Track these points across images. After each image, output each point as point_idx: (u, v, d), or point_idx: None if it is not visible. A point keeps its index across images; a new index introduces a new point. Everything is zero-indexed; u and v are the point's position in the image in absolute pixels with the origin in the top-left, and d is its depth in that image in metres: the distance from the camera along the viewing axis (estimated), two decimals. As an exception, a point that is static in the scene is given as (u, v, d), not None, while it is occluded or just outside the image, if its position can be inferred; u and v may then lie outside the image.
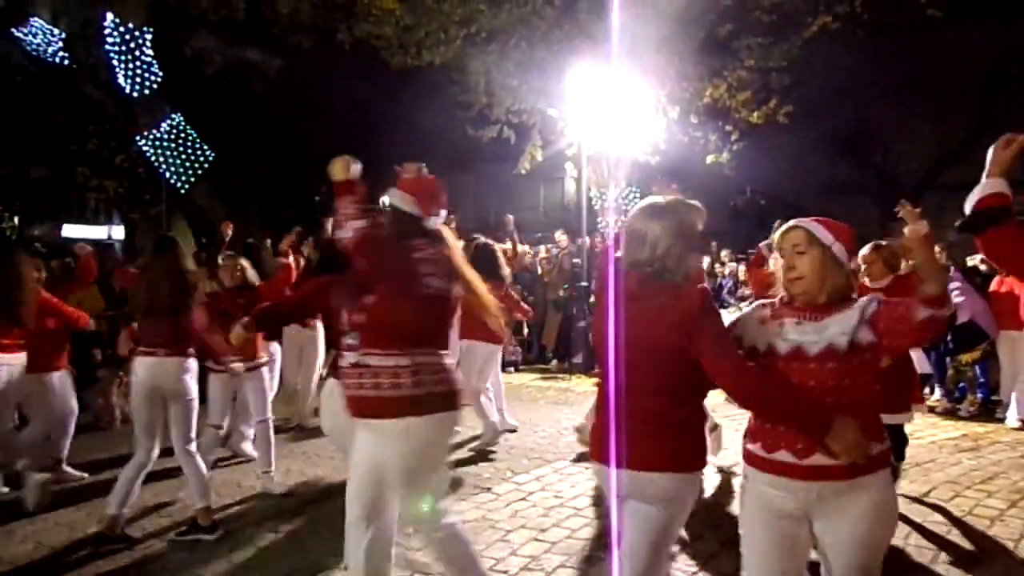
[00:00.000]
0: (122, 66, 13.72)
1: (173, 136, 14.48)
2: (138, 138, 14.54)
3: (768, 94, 12.50)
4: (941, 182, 18.00)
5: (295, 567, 4.04)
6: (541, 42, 12.07)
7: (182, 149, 14.53)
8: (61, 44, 13.97)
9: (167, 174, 14.50)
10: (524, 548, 4.27)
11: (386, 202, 3.12)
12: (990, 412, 7.66)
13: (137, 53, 13.74)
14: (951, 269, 7.98)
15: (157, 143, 14.38)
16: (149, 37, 13.75)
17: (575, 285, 11.15)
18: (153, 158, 14.49)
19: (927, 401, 8.06)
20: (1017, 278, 6.40)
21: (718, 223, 12.26)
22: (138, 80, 13.86)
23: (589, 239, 11.86)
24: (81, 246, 6.45)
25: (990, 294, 7.67)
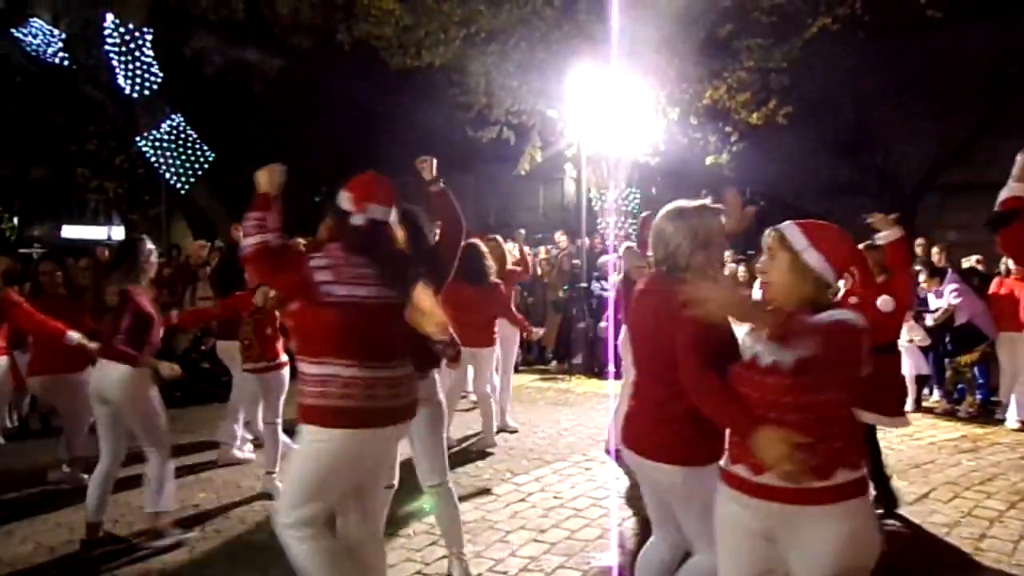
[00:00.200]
0: (122, 67, 13.73)
1: (173, 136, 14.48)
2: (138, 138, 14.55)
3: (768, 95, 12.50)
4: (941, 182, 17.99)
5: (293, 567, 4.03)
6: (541, 43, 12.07)
7: (182, 149, 14.53)
8: (61, 45, 13.98)
9: (167, 174, 14.51)
10: (523, 549, 4.27)
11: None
12: (989, 413, 7.65)
13: (137, 54, 13.75)
14: (949, 271, 8.00)
15: (157, 143, 14.39)
16: (149, 38, 13.76)
17: (575, 286, 11.15)
18: (153, 158, 14.49)
19: (926, 402, 8.08)
20: None
21: (718, 224, 12.17)
22: (138, 81, 13.87)
23: (589, 240, 11.86)
24: (101, 251, 6.47)
25: (990, 296, 7.68)
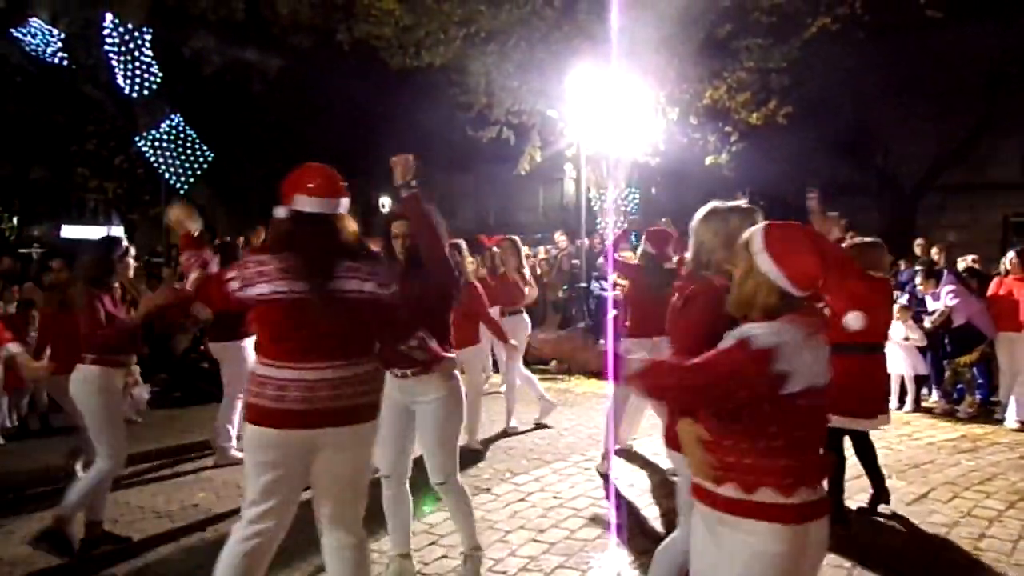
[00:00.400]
0: (121, 66, 13.74)
1: (172, 136, 14.49)
2: (137, 138, 14.56)
3: (768, 95, 12.50)
4: (941, 182, 18.00)
5: (295, 568, 4.04)
6: (541, 43, 12.07)
7: (181, 149, 14.54)
8: (61, 44, 13.99)
9: (166, 174, 14.51)
10: (523, 549, 4.27)
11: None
12: (989, 413, 7.65)
13: (136, 53, 13.76)
14: (945, 272, 8.01)
15: (156, 143, 14.39)
16: (148, 37, 13.76)
17: (574, 286, 11.15)
18: (152, 158, 14.50)
19: (925, 403, 8.08)
20: None
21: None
22: (137, 80, 13.87)
23: (588, 240, 11.87)
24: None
25: (989, 296, 7.68)
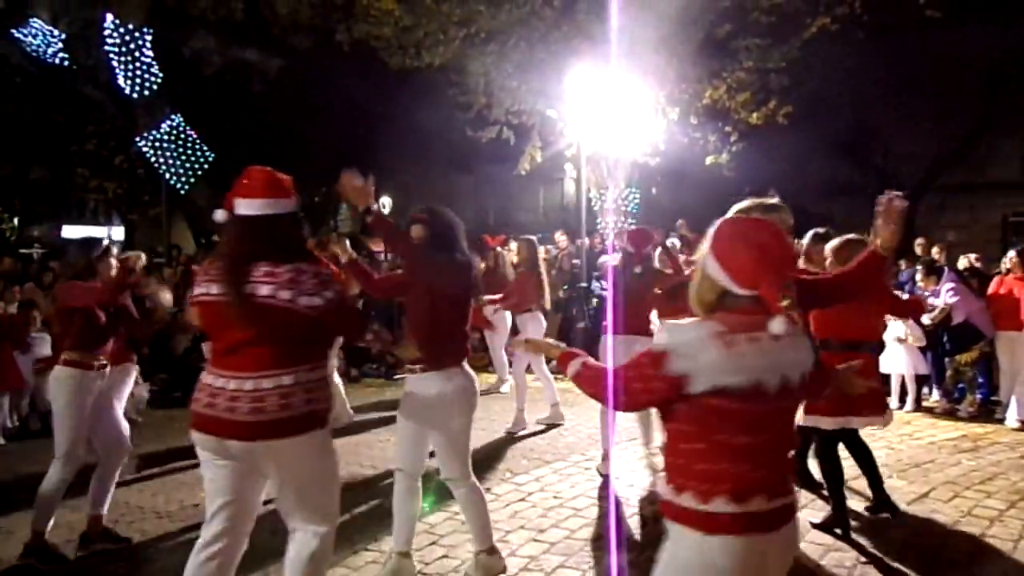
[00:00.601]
0: (122, 67, 13.73)
1: (172, 137, 14.48)
2: (138, 139, 14.55)
3: (767, 95, 12.51)
4: (941, 182, 18.01)
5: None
6: (540, 43, 12.08)
7: (181, 150, 14.53)
8: (61, 45, 13.98)
9: (166, 175, 14.51)
10: (523, 549, 4.26)
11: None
12: (989, 413, 7.65)
13: (136, 54, 13.75)
14: (946, 270, 8.00)
15: (156, 144, 14.38)
16: (148, 38, 13.75)
17: (575, 286, 11.14)
18: (152, 159, 14.49)
19: (925, 402, 8.08)
20: None
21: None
22: (138, 81, 13.86)
23: (588, 240, 11.86)
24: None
25: (989, 295, 7.68)
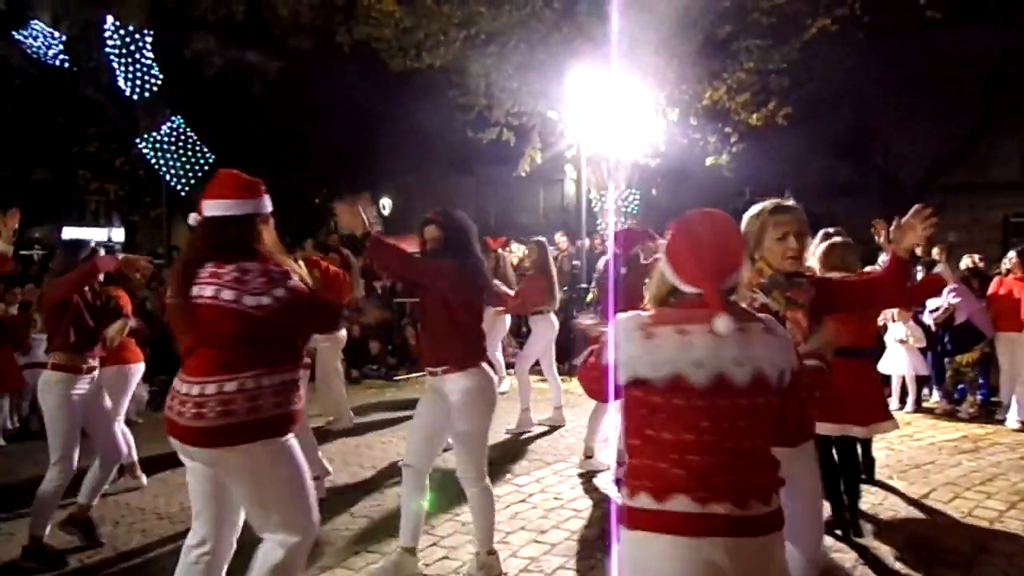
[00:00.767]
0: (122, 68, 13.74)
1: (173, 138, 14.48)
2: (138, 140, 14.55)
3: (767, 96, 12.52)
4: (942, 183, 18.01)
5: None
6: (540, 44, 12.08)
7: (182, 151, 14.53)
8: (61, 47, 13.99)
9: (167, 176, 14.51)
10: (524, 550, 4.26)
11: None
12: (990, 414, 7.64)
13: (137, 55, 13.76)
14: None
15: (157, 145, 14.39)
16: (149, 39, 13.77)
17: (575, 287, 11.14)
18: (153, 160, 14.50)
19: (926, 403, 8.07)
20: None
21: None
22: (138, 82, 13.87)
23: (589, 241, 11.87)
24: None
25: (989, 296, 7.68)
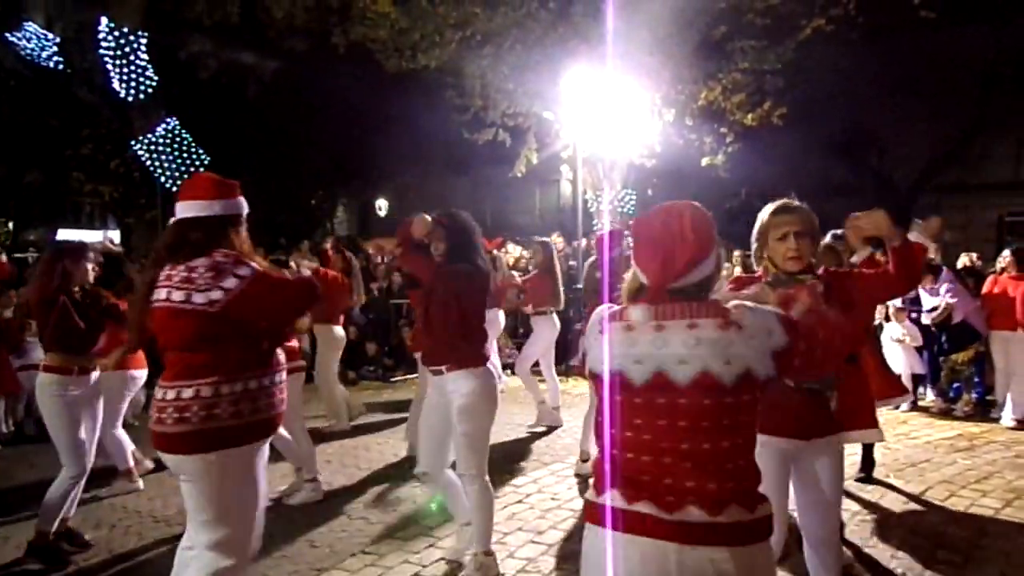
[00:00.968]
0: (117, 70, 13.72)
1: (168, 140, 14.47)
2: (133, 142, 14.53)
3: (763, 96, 12.55)
4: (937, 183, 18.08)
5: (293, 570, 4.04)
6: (536, 45, 12.09)
7: (177, 153, 14.52)
8: (55, 48, 13.97)
9: (162, 178, 14.49)
10: (521, 551, 4.26)
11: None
12: (985, 412, 7.67)
13: (132, 57, 13.74)
14: (944, 270, 8.00)
15: (152, 147, 14.37)
16: (144, 41, 13.75)
17: (571, 287, 11.14)
18: (148, 162, 14.48)
19: (921, 401, 8.10)
20: None
21: (714, 225, 12.31)
22: (133, 84, 13.86)
23: (585, 241, 11.86)
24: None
25: (984, 295, 7.70)
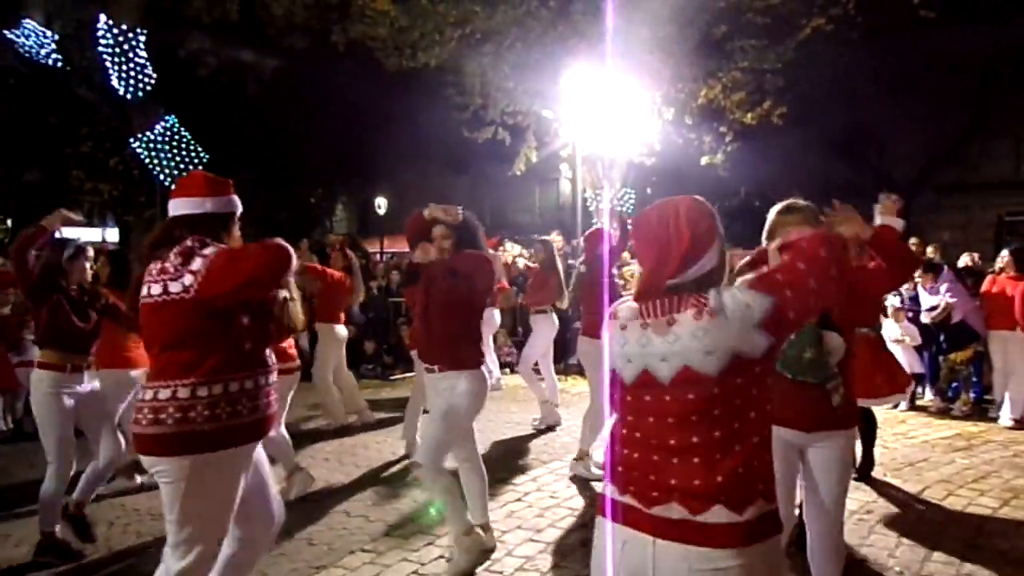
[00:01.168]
0: (116, 68, 13.70)
1: (167, 138, 14.45)
2: (132, 140, 14.51)
3: (762, 95, 12.55)
4: (936, 182, 18.08)
5: (292, 568, 4.04)
6: (536, 43, 12.09)
7: (176, 151, 14.50)
8: (54, 46, 13.94)
9: (161, 176, 14.48)
10: (519, 549, 4.27)
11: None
12: (983, 412, 7.68)
13: (131, 55, 13.72)
14: (944, 269, 8.00)
15: (151, 145, 14.35)
16: (143, 39, 13.73)
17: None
18: (147, 160, 14.47)
19: (920, 401, 8.10)
20: None
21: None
22: (132, 82, 13.84)
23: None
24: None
25: (982, 294, 7.70)
